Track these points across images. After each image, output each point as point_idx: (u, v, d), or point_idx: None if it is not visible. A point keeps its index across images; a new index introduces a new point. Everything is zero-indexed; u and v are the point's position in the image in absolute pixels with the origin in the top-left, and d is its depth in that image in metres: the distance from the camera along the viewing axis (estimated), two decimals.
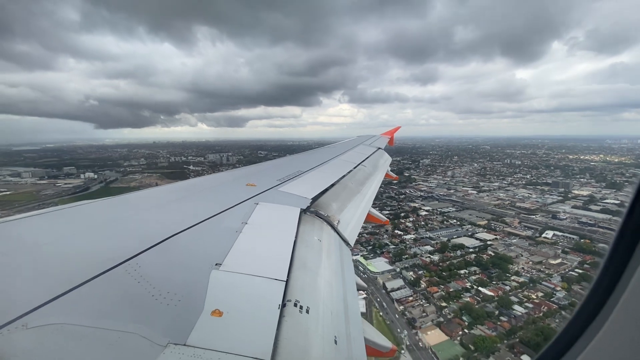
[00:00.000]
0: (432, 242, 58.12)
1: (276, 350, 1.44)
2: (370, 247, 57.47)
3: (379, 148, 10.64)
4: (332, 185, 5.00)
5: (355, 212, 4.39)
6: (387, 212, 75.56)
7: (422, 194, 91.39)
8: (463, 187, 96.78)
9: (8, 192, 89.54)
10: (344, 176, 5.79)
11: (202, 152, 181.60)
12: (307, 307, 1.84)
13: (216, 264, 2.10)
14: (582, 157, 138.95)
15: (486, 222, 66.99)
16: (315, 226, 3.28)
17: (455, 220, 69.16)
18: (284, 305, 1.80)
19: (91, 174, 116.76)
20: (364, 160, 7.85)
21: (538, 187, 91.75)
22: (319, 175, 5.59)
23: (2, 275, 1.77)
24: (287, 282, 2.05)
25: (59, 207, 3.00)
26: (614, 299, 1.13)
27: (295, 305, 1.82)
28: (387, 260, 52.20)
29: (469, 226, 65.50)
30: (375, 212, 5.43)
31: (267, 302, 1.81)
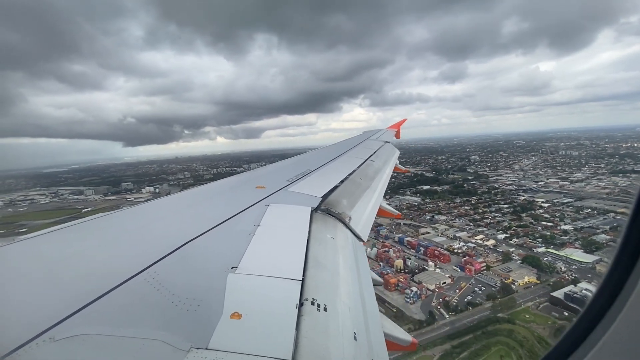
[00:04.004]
0: (597, 230, 56.00)
1: (297, 349, 1.44)
2: (539, 239, 55.36)
3: (387, 142, 10.44)
4: (342, 182, 4.93)
5: (366, 208, 4.36)
6: (507, 205, 73.54)
7: (515, 187, 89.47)
8: (547, 179, 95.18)
9: (89, 209, 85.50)
10: (352, 172, 5.73)
11: (236, 163, 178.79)
12: (325, 305, 1.84)
13: (232, 267, 2.11)
14: (635, 145, 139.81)
15: (624, 209, 64.93)
16: (327, 224, 3.29)
17: (589, 210, 67.05)
18: (301, 304, 1.80)
19: (151, 189, 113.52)
20: (371, 155, 7.75)
21: (628, 174, 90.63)
22: (328, 173, 5.57)
23: (27, 289, 1.79)
24: (303, 281, 2.04)
25: (77, 221, 3.01)
26: (620, 301, 1.11)
27: (313, 303, 1.82)
28: (578, 250, 49.97)
29: (612, 214, 63.22)
30: (387, 206, 5.39)
31: (284, 302, 1.82)
